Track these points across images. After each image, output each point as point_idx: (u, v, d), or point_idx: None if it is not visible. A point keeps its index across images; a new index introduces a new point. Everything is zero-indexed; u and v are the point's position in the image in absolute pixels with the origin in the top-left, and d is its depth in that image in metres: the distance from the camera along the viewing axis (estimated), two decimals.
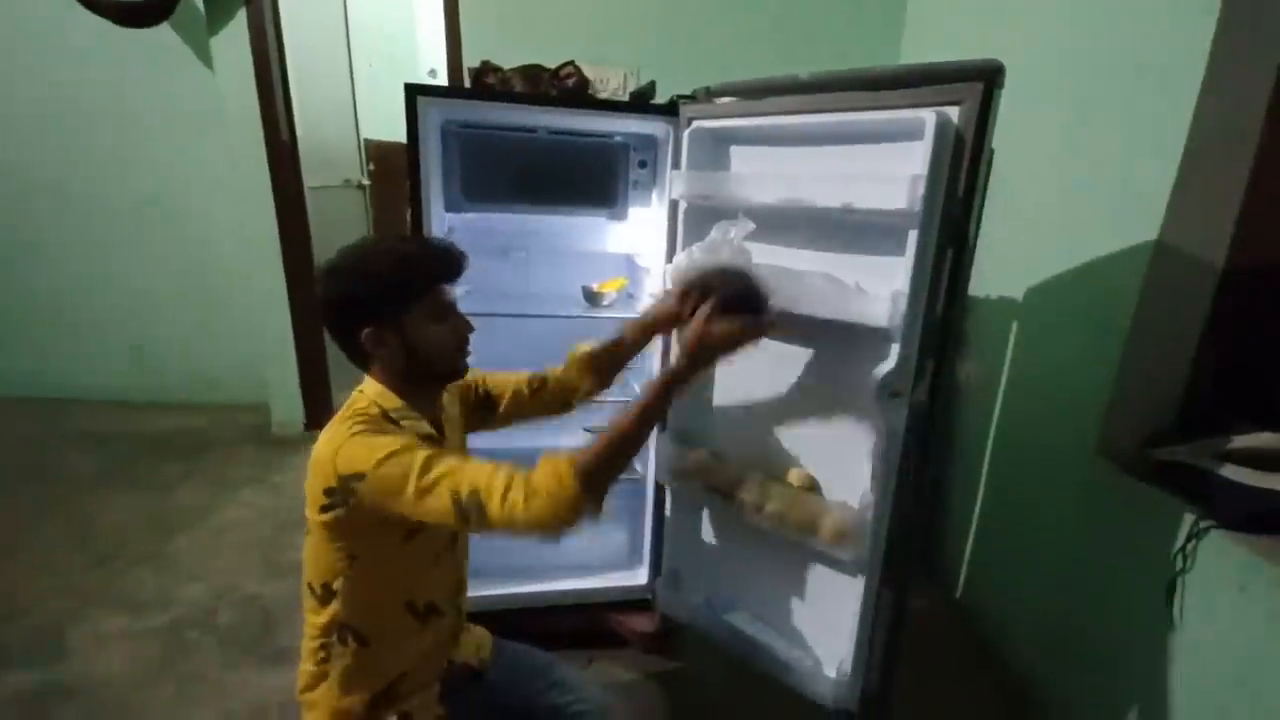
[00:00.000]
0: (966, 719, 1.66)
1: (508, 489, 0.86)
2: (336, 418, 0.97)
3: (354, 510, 0.90)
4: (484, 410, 1.24)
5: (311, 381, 3.02)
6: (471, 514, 0.86)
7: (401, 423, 0.97)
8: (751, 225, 1.29)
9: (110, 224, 3.09)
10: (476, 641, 1.18)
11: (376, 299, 0.95)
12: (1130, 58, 1.45)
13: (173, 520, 2.33)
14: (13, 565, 2.06)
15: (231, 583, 2.00)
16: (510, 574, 1.84)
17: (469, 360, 1.07)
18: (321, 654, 1.00)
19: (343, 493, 0.89)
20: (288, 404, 3.02)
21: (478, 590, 1.72)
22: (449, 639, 1.10)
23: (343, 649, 0.99)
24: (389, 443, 0.89)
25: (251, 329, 3.02)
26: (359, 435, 0.91)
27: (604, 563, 1.93)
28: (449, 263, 1.00)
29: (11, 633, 1.78)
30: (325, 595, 0.98)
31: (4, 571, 2.03)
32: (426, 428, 1.02)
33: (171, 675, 1.66)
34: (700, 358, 1.09)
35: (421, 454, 0.88)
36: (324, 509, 0.92)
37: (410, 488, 0.86)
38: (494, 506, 0.86)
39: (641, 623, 1.79)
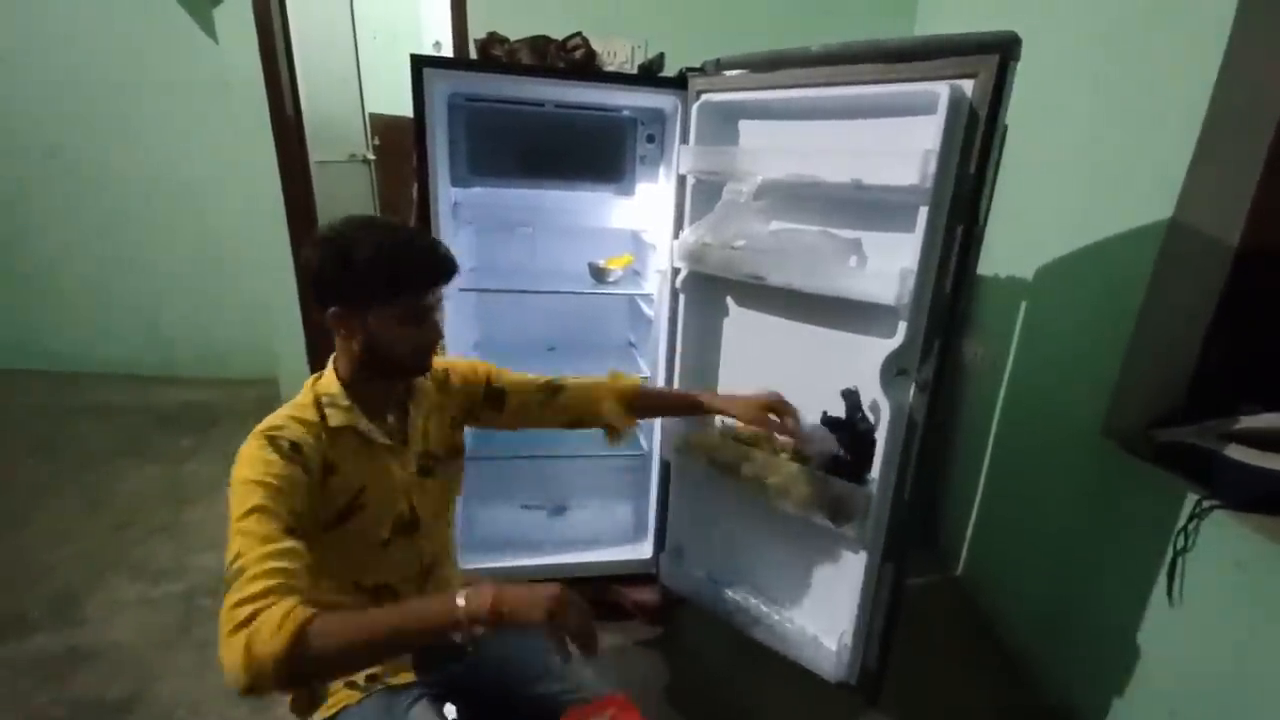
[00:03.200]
0: (965, 694, 1.68)
1: (243, 600, 0.71)
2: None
3: None
4: (490, 408, 1.18)
5: (319, 355, 3.03)
6: (229, 578, 0.75)
7: (327, 411, 0.94)
8: (760, 179, 1.27)
9: (119, 198, 3.09)
10: None
11: (347, 285, 0.90)
12: (1149, 33, 1.42)
13: (185, 491, 2.37)
14: (31, 534, 2.11)
15: None
16: (515, 546, 1.87)
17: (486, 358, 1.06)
18: None
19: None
20: (295, 378, 3.02)
21: (482, 562, 1.76)
22: None
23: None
24: (265, 461, 0.84)
25: (259, 304, 3.03)
26: (254, 442, 0.87)
27: (608, 536, 1.96)
28: (431, 270, 0.94)
29: (31, 599, 1.82)
30: None
31: (23, 540, 2.08)
32: (359, 420, 0.97)
33: (187, 641, 1.71)
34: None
35: (274, 504, 0.81)
36: None
37: (233, 516, 0.80)
38: (224, 605, 0.72)
39: (645, 595, 1.82)
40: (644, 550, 1.88)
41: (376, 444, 0.99)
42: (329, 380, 0.98)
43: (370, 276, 0.90)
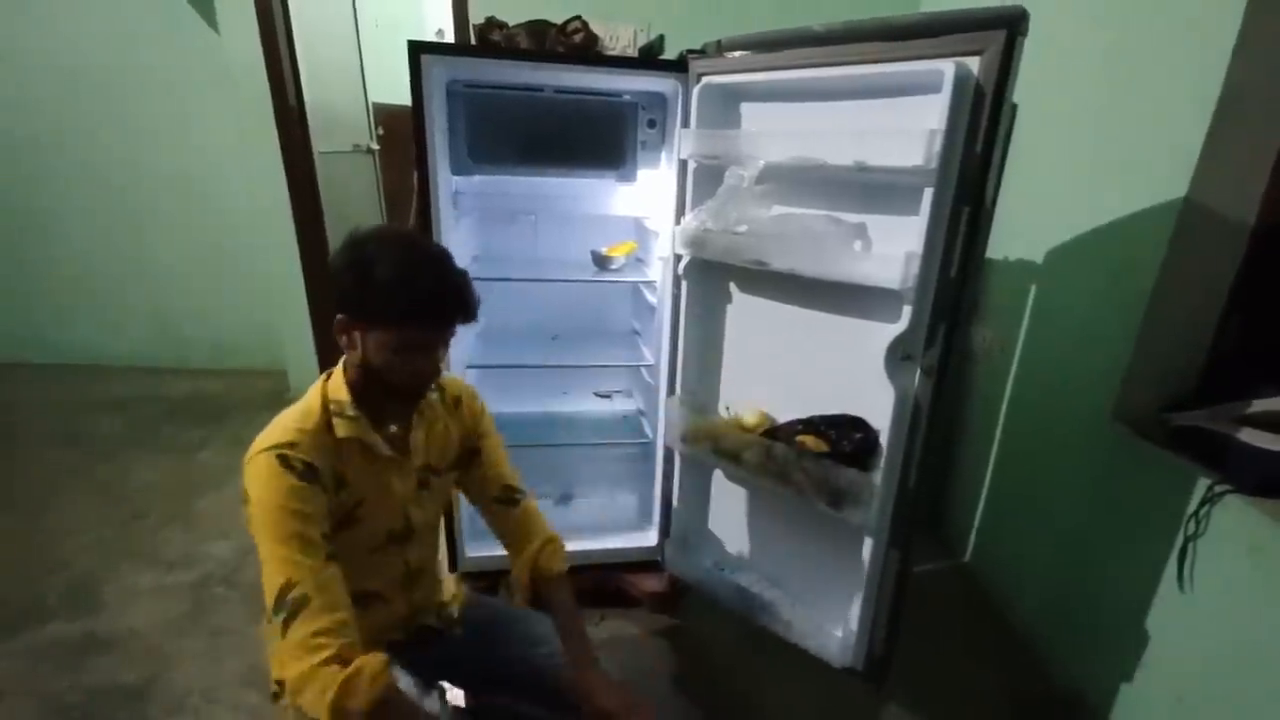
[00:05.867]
0: (973, 679, 1.68)
1: (321, 633, 0.80)
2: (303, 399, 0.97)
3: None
4: (460, 461, 1.15)
5: (326, 346, 3.05)
6: (285, 608, 0.81)
7: (335, 421, 0.94)
8: (762, 163, 1.25)
9: (124, 192, 3.11)
10: (443, 602, 1.16)
11: (356, 296, 0.89)
12: (1163, 6, 1.38)
13: (197, 481, 2.40)
14: (47, 524, 2.14)
15: (254, 542, 2.07)
16: None
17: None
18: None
19: (243, 497, 0.90)
20: (304, 368, 3.06)
21: (490, 550, 1.77)
22: (400, 622, 1.08)
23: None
24: (286, 487, 0.86)
25: (267, 295, 3.05)
26: (266, 458, 0.88)
27: (615, 524, 1.97)
28: (441, 311, 0.92)
29: (49, 587, 1.86)
30: None
31: (40, 529, 2.11)
32: (366, 433, 0.96)
33: (201, 628, 1.73)
34: None
35: (308, 529, 0.85)
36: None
37: (267, 542, 0.85)
38: (289, 633, 0.80)
39: (651, 583, 1.83)
40: (649, 538, 1.88)
41: (381, 456, 0.98)
42: (338, 385, 0.97)
43: (379, 296, 0.88)
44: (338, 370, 0.99)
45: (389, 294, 0.88)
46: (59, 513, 2.20)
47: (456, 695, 1.18)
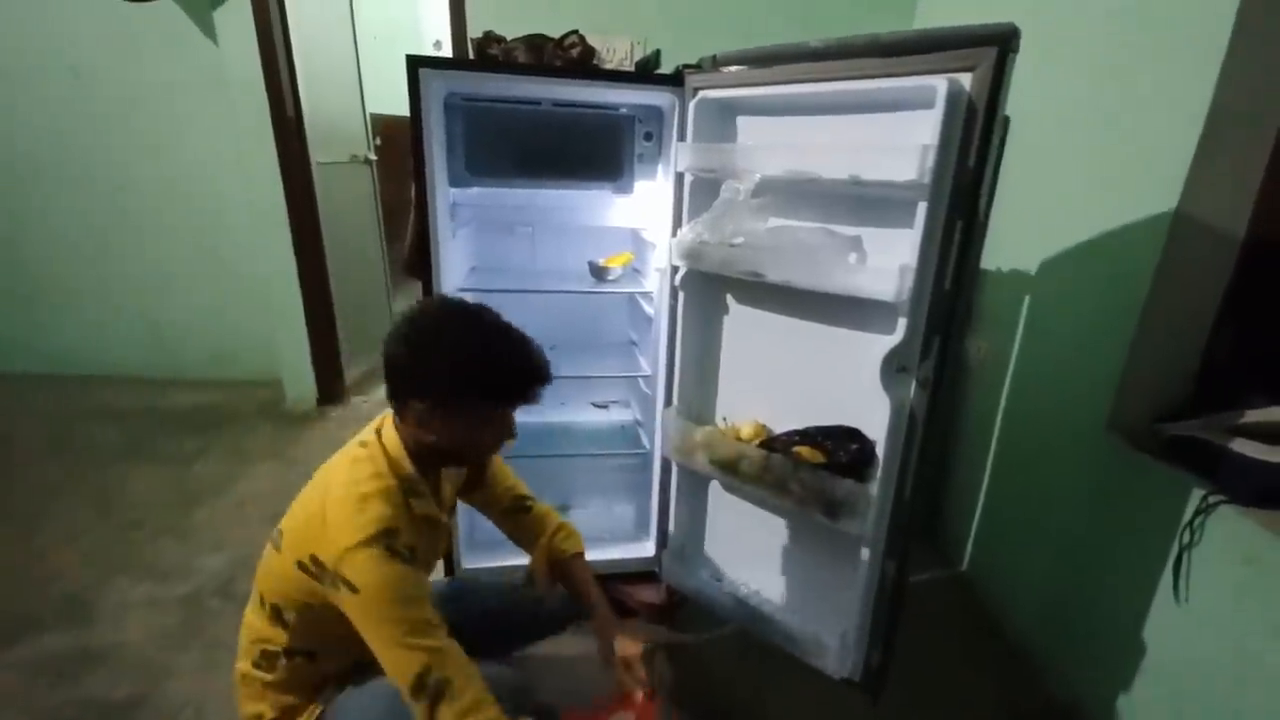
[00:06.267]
0: (970, 689, 1.68)
1: (468, 713, 0.87)
2: (351, 468, 0.96)
3: (325, 595, 0.92)
4: (469, 484, 1.28)
5: (323, 357, 3.06)
6: (428, 693, 0.86)
7: (411, 500, 0.98)
8: (758, 176, 1.27)
9: (122, 202, 3.11)
10: None
11: (446, 387, 0.92)
12: (1153, 23, 1.40)
13: (193, 493, 2.38)
14: (41, 535, 2.12)
15: (250, 553, 2.04)
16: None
17: None
18: (264, 661, 1.02)
19: (331, 576, 0.90)
20: (300, 379, 3.06)
21: (487, 561, 1.77)
22: None
23: (288, 663, 1.02)
24: (399, 577, 0.89)
25: (264, 306, 3.05)
26: (374, 550, 0.89)
27: (612, 535, 1.96)
28: (534, 388, 0.96)
29: (42, 599, 1.84)
30: (275, 616, 1.00)
31: (33, 541, 2.10)
32: (432, 508, 1.03)
33: (195, 641, 1.72)
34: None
35: (425, 612, 0.90)
36: (302, 566, 0.93)
37: (389, 631, 0.88)
38: (439, 714, 0.86)
39: (648, 594, 1.82)
40: (647, 549, 1.88)
41: (440, 525, 1.07)
42: (402, 458, 0.99)
43: (478, 388, 0.93)
44: (396, 440, 1.00)
45: (489, 384, 0.93)
46: (53, 523, 2.19)
47: None
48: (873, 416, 1.24)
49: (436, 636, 0.90)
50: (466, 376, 0.91)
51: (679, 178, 1.48)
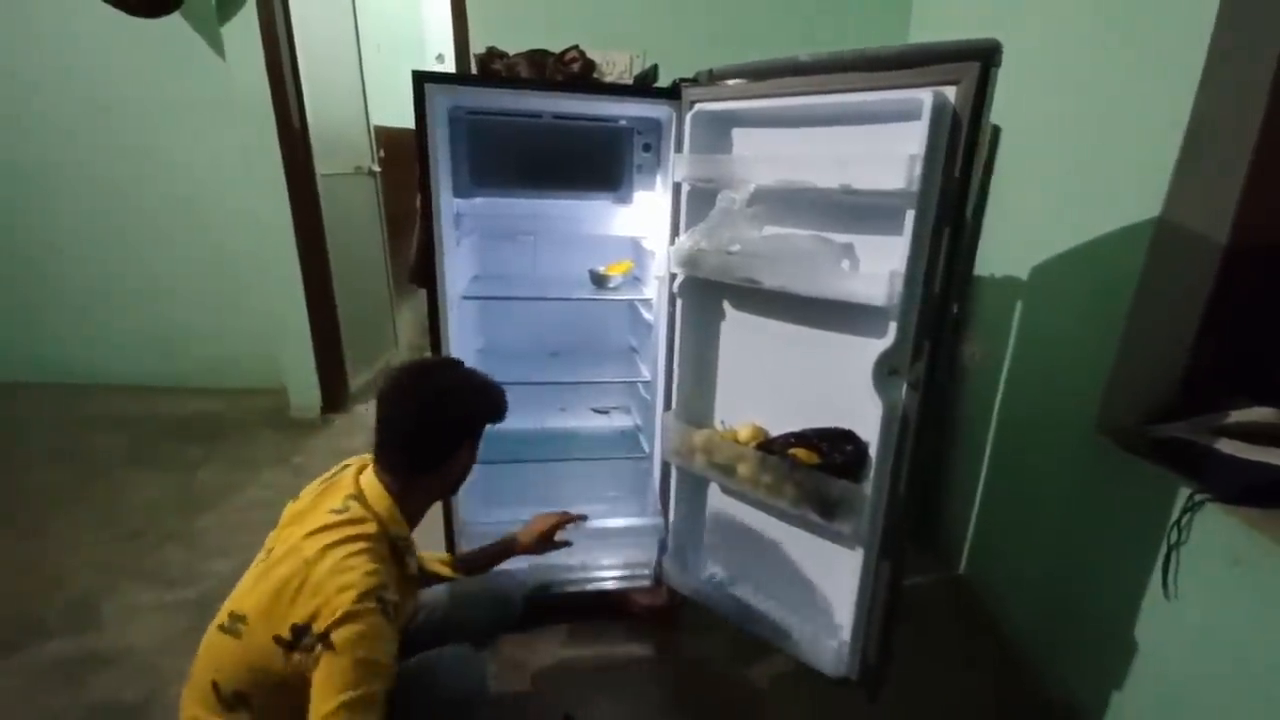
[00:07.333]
0: (967, 689, 1.69)
1: None
2: (339, 532, 0.97)
3: (298, 665, 0.91)
4: None
5: (327, 365, 3.09)
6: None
7: (405, 558, 1.06)
8: (754, 186, 1.31)
9: (129, 214, 3.15)
10: None
11: (482, 420, 1.13)
12: (1137, 33, 1.44)
13: (198, 500, 2.41)
14: (47, 542, 2.15)
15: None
16: None
17: None
18: None
19: (318, 638, 0.89)
20: (304, 388, 3.09)
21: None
22: None
23: None
24: (375, 649, 0.91)
25: (268, 315, 3.08)
26: (377, 613, 0.91)
27: (611, 538, 1.98)
28: (504, 409, 1.18)
29: (49, 605, 1.86)
30: (234, 702, 0.96)
31: (40, 548, 2.12)
32: (414, 567, 1.11)
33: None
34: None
35: (380, 681, 0.91)
36: (279, 640, 0.92)
37: (360, 690, 0.88)
38: None
39: (648, 596, 1.84)
40: (646, 551, 1.90)
41: (415, 582, 1.15)
42: (396, 518, 1.05)
43: (496, 411, 1.14)
44: (386, 501, 1.04)
45: (497, 406, 1.14)
46: (58, 530, 2.21)
47: None
48: (866, 418, 1.28)
49: (382, 682, 0.91)
50: (493, 408, 1.13)
51: (677, 187, 1.52)
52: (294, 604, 0.92)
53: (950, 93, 1.05)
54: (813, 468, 1.32)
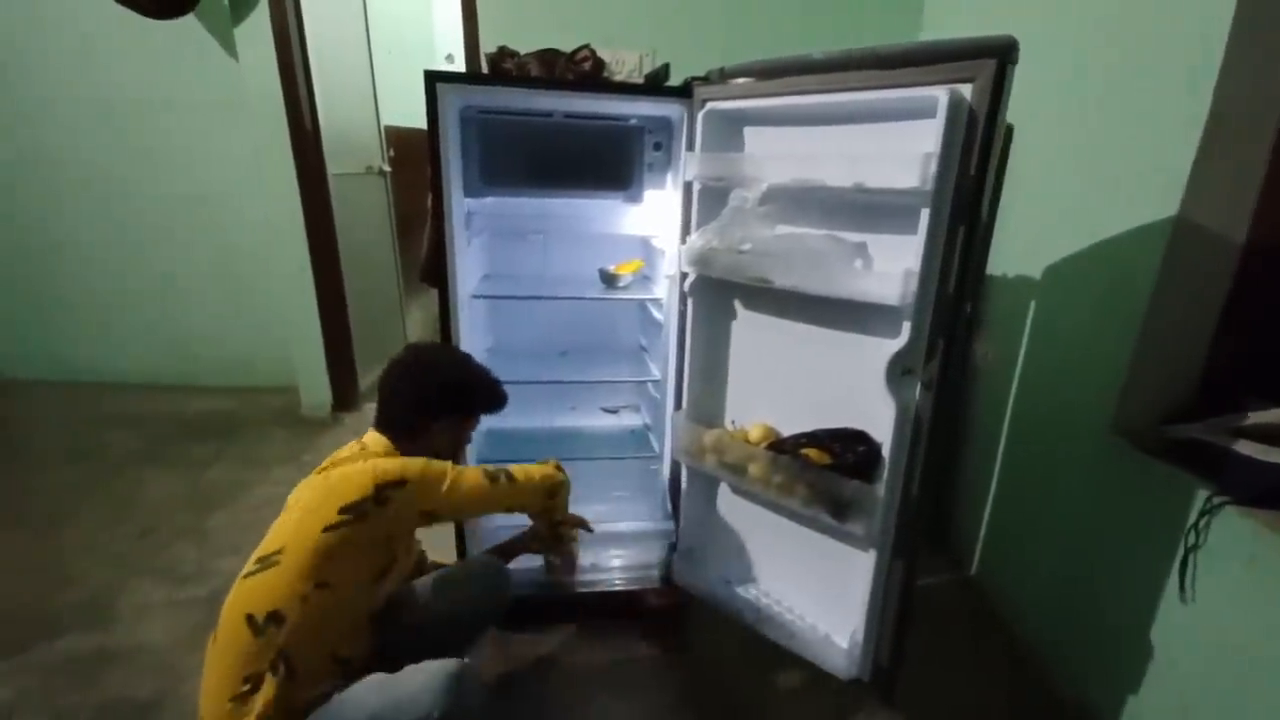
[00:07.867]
0: (979, 691, 1.68)
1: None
2: (348, 460, 1.19)
3: (373, 519, 1.09)
4: None
5: (338, 364, 3.10)
6: (501, 476, 1.23)
7: None
8: (766, 185, 1.31)
9: (142, 213, 3.18)
10: None
11: (473, 399, 1.31)
12: (1154, 30, 1.43)
13: (209, 497, 2.42)
14: (60, 539, 2.17)
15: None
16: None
17: None
18: (245, 687, 1.04)
19: (373, 500, 1.08)
20: (315, 386, 3.10)
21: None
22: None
23: (272, 679, 1.03)
24: (420, 459, 1.17)
25: (279, 313, 3.10)
26: (392, 456, 1.18)
27: (622, 537, 1.97)
28: (500, 397, 1.36)
29: (62, 601, 1.88)
30: (267, 623, 1.05)
31: (53, 545, 2.14)
32: None
33: None
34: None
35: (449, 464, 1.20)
36: (333, 527, 1.07)
37: (448, 479, 1.16)
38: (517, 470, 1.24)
39: (658, 596, 1.84)
40: (657, 551, 1.89)
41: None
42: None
43: (485, 396, 1.33)
44: (382, 442, 1.25)
45: (489, 394, 1.34)
46: (71, 528, 2.23)
47: None
48: (879, 418, 1.27)
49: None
50: (484, 392, 1.32)
51: (688, 186, 1.52)
52: (325, 504, 1.09)
53: (966, 90, 1.05)
54: (825, 468, 1.31)
